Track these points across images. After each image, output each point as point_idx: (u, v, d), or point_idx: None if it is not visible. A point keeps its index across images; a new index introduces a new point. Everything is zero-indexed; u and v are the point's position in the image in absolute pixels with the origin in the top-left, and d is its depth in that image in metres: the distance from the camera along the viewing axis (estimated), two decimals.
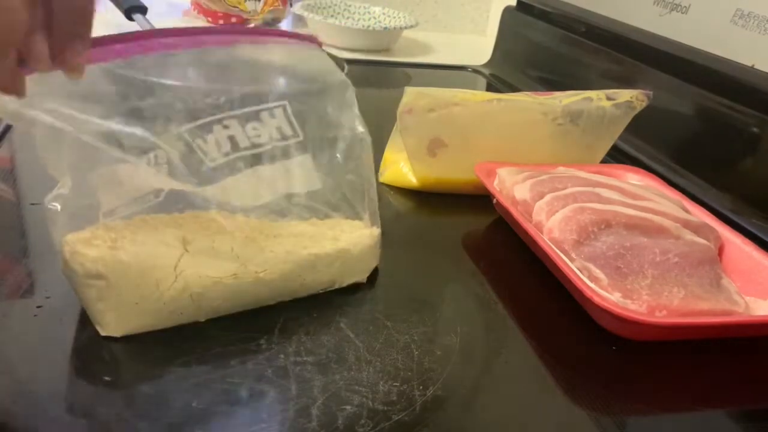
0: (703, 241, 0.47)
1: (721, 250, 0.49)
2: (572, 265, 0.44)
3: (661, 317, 0.42)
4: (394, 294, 0.45)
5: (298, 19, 1.23)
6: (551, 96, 0.61)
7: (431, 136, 0.59)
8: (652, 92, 0.62)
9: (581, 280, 0.42)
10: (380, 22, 1.21)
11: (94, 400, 0.33)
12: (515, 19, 1.10)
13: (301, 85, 0.42)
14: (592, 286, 0.43)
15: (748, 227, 0.57)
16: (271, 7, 1.15)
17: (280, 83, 0.41)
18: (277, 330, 0.39)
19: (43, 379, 0.34)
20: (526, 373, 0.40)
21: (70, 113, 0.34)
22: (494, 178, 0.57)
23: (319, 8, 1.23)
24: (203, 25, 1.13)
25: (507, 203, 0.52)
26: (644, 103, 0.61)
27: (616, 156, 0.70)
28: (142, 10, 0.83)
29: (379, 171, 0.63)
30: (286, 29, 0.62)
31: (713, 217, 0.52)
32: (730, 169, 0.63)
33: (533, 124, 0.60)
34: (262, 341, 0.38)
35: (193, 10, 1.17)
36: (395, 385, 0.36)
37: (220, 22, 1.15)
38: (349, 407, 0.34)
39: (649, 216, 0.47)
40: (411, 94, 0.57)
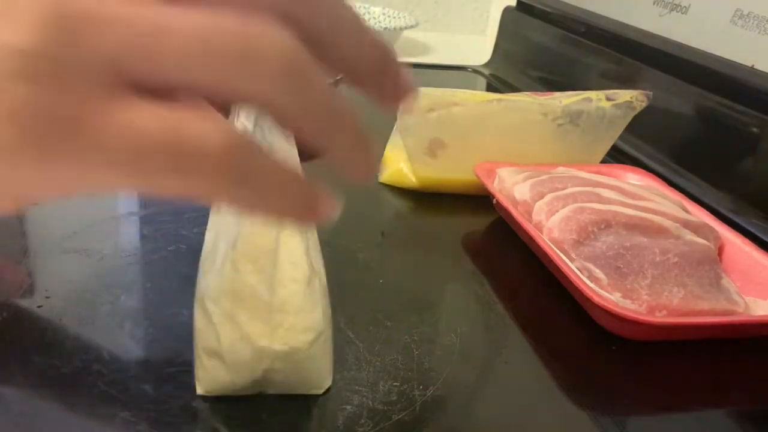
0: (703, 241, 0.47)
1: (721, 250, 0.49)
2: (572, 265, 0.44)
3: (661, 317, 0.42)
4: (394, 294, 0.45)
5: None
6: (551, 96, 0.61)
7: (431, 136, 0.59)
8: (651, 92, 0.62)
9: (581, 280, 0.42)
10: (380, 22, 1.21)
11: (94, 400, 0.33)
12: (515, 19, 1.10)
13: None
14: (592, 286, 0.43)
15: (748, 227, 0.57)
16: None
17: None
18: None
19: None
20: (526, 373, 0.40)
21: None
22: (494, 178, 0.56)
23: None
24: None
25: (507, 203, 0.52)
26: (644, 104, 0.61)
27: (616, 156, 0.70)
28: None
29: (379, 171, 0.63)
30: None
31: (713, 217, 0.52)
32: (730, 169, 0.63)
33: (533, 125, 0.60)
34: None
35: None
36: (395, 385, 0.36)
37: None
38: (349, 407, 0.34)
39: (649, 216, 0.47)
40: None
